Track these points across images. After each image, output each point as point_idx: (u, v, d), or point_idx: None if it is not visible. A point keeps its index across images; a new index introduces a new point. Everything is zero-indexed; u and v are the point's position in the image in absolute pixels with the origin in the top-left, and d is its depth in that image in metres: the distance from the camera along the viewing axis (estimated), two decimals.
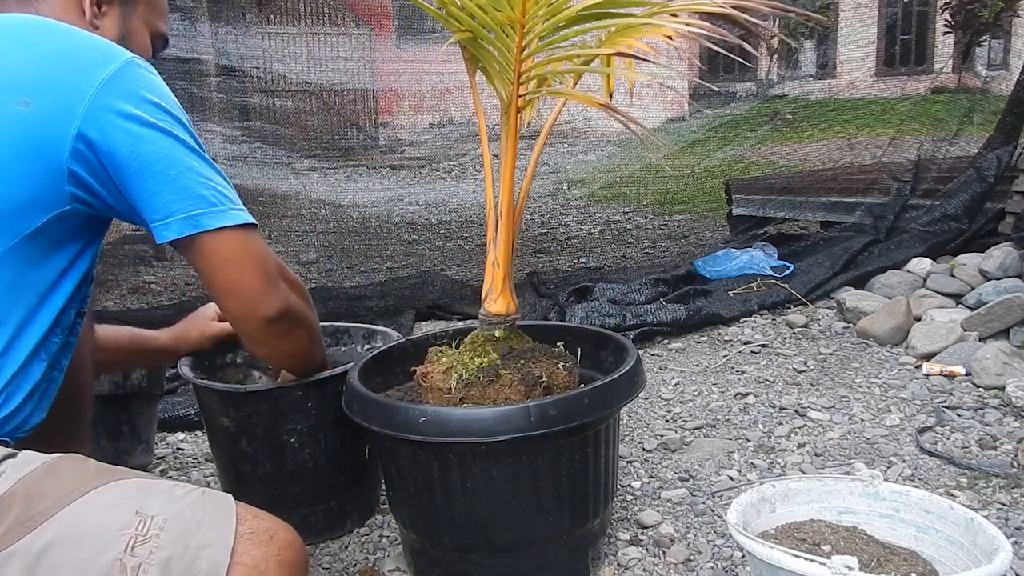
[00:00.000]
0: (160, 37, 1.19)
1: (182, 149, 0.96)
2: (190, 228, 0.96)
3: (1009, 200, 3.32)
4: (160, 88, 0.98)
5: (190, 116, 1.04)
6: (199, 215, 0.96)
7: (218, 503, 0.89)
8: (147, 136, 0.93)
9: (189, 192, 0.96)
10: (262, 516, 0.91)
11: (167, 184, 0.95)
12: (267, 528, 0.89)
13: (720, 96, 8.00)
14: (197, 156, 0.97)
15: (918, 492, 1.29)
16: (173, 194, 0.95)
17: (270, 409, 1.53)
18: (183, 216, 0.95)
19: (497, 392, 1.31)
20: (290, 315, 1.07)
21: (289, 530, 0.92)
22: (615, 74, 1.55)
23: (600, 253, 4.64)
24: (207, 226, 0.96)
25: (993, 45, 12.08)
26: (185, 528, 0.84)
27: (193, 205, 0.96)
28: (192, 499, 0.88)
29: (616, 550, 1.53)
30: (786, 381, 2.45)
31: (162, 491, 0.89)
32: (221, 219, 0.97)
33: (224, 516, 0.87)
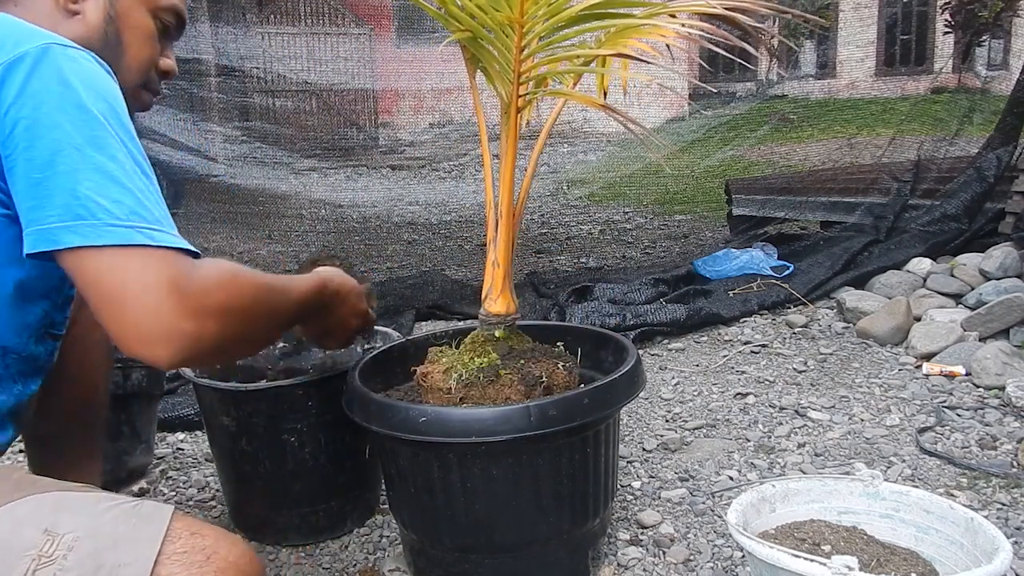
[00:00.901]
0: (167, 11, 1.06)
1: (69, 144, 0.78)
2: (44, 243, 0.78)
3: (1009, 200, 3.32)
4: (76, 71, 0.82)
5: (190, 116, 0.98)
6: (58, 228, 0.77)
7: (148, 517, 0.79)
8: (25, 127, 0.78)
9: (53, 200, 0.77)
10: (204, 533, 0.79)
11: (33, 187, 0.78)
12: (205, 547, 0.78)
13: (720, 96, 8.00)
14: (91, 155, 0.79)
15: (918, 492, 1.29)
16: (35, 199, 0.78)
17: (270, 408, 1.53)
18: (39, 228, 0.78)
19: (497, 392, 1.32)
20: (204, 353, 0.83)
21: (236, 549, 0.80)
22: (615, 74, 1.55)
23: (600, 253, 4.64)
24: (66, 243, 0.77)
25: (993, 45, 12.08)
26: (99, 546, 0.75)
27: (55, 216, 0.77)
28: (117, 513, 0.79)
29: (616, 550, 1.53)
30: (786, 381, 2.45)
31: (84, 505, 0.80)
32: (87, 236, 0.77)
33: (151, 532, 0.77)
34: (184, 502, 1.84)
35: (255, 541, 1.63)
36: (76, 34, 0.97)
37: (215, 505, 1.82)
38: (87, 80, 0.83)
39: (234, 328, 0.86)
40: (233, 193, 4.85)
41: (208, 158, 4.84)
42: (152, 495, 1.87)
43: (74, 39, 0.95)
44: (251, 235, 4.70)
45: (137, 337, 0.79)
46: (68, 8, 0.99)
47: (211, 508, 1.81)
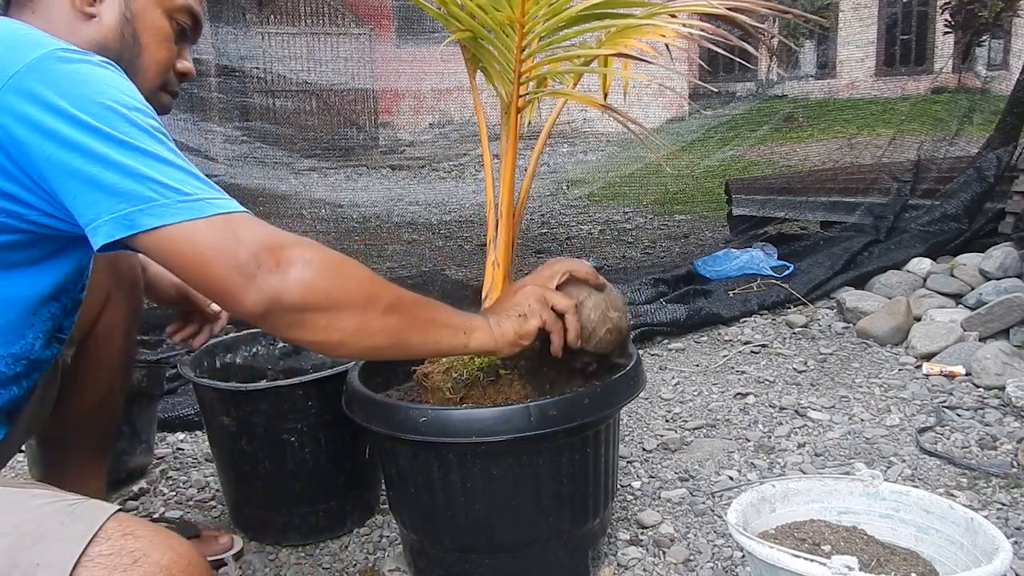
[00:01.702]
0: (185, 12, 1.07)
1: (108, 142, 0.82)
2: (123, 230, 0.82)
3: (1009, 200, 3.32)
4: (88, 76, 0.85)
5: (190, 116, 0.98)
6: (132, 213, 0.81)
7: (80, 516, 0.75)
8: (60, 131, 0.81)
9: (116, 189, 0.81)
10: (138, 535, 0.75)
11: (88, 182, 0.81)
12: (134, 549, 0.74)
13: (720, 96, 8.00)
14: (131, 148, 0.83)
15: (918, 492, 1.29)
16: (98, 193, 0.82)
17: (270, 408, 1.53)
18: (112, 216, 0.82)
19: (497, 392, 1.32)
20: (284, 306, 0.86)
21: (171, 552, 0.75)
22: (615, 74, 1.55)
23: (600, 253, 4.64)
24: (144, 225, 0.82)
25: (993, 45, 12.07)
26: (19, 544, 0.72)
27: (124, 202, 0.81)
28: (48, 511, 0.76)
29: (616, 550, 1.53)
30: (786, 381, 2.45)
31: (16, 501, 0.77)
32: (161, 215, 0.82)
33: (77, 532, 0.73)
34: (184, 502, 1.84)
35: (255, 541, 1.63)
36: (93, 37, 0.98)
37: (215, 505, 1.82)
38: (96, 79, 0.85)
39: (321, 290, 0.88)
40: (233, 193, 4.79)
41: (208, 158, 4.84)
42: (152, 495, 1.87)
43: (91, 42, 0.97)
44: None
45: (227, 294, 0.84)
46: (85, 11, 0.99)
47: (211, 508, 1.81)
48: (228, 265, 0.83)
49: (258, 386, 1.57)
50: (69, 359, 1.27)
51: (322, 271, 0.89)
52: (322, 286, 0.89)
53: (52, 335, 1.02)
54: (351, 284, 0.93)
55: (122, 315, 1.35)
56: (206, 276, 0.84)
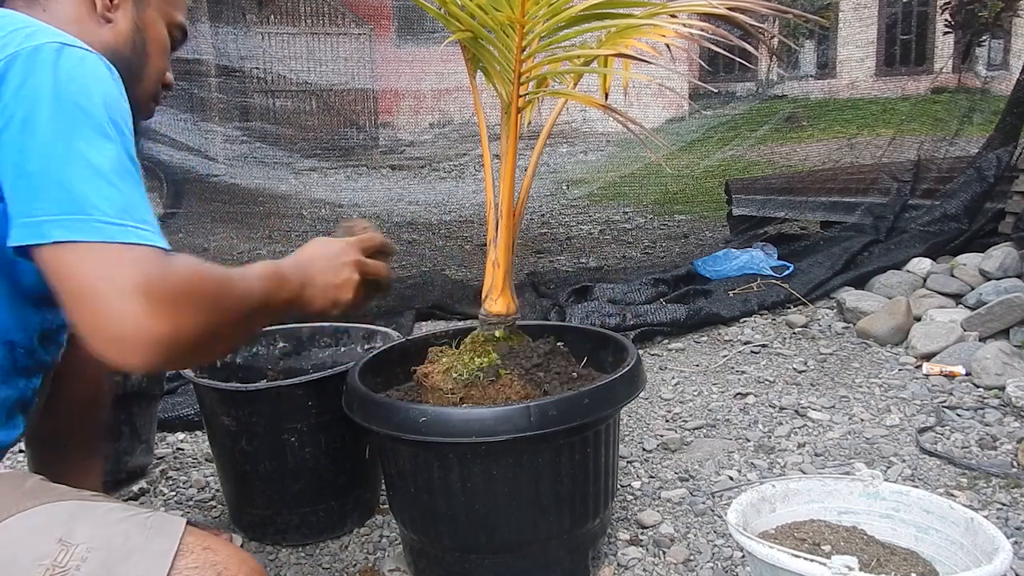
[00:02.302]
0: (178, 27, 1.12)
1: (62, 145, 0.77)
2: (31, 236, 0.76)
3: (1009, 200, 3.32)
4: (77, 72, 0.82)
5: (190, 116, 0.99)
6: (45, 222, 0.75)
7: (160, 530, 0.78)
8: (22, 124, 0.77)
9: (44, 193, 0.76)
10: (215, 548, 0.79)
11: (20, 179, 0.77)
12: (216, 563, 0.77)
13: (720, 96, 8.00)
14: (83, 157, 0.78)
15: (918, 492, 1.29)
16: (24, 192, 0.77)
17: (270, 408, 1.53)
18: (27, 220, 0.76)
19: (497, 392, 1.32)
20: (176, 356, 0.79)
21: (246, 567, 0.80)
22: (615, 75, 1.55)
23: (600, 253, 4.64)
24: (51, 237, 0.75)
25: (993, 45, 12.07)
26: (111, 558, 0.75)
27: (42, 209, 0.76)
28: (130, 524, 0.78)
29: (616, 550, 1.53)
30: (786, 381, 2.45)
31: (98, 514, 0.79)
32: (74, 231, 0.74)
33: (162, 546, 0.76)
34: (184, 502, 1.84)
35: (255, 541, 1.63)
36: (107, 40, 1.00)
37: (215, 505, 1.82)
38: (85, 78, 0.82)
39: (211, 328, 0.82)
40: (233, 193, 4.84)
41: (208, 158, 4.84)
42: (152, 495, 1.87)
43: (104, 45, 0.98)
44: (251, 235, 4.69)
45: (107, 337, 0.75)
46: (104, 15, 1.01)
47: (211, 508, 1.81)
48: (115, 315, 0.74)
49: (258, 386, 1.57)
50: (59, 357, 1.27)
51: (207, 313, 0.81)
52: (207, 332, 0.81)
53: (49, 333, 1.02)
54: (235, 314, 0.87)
55: None
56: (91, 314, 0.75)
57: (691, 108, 9.03)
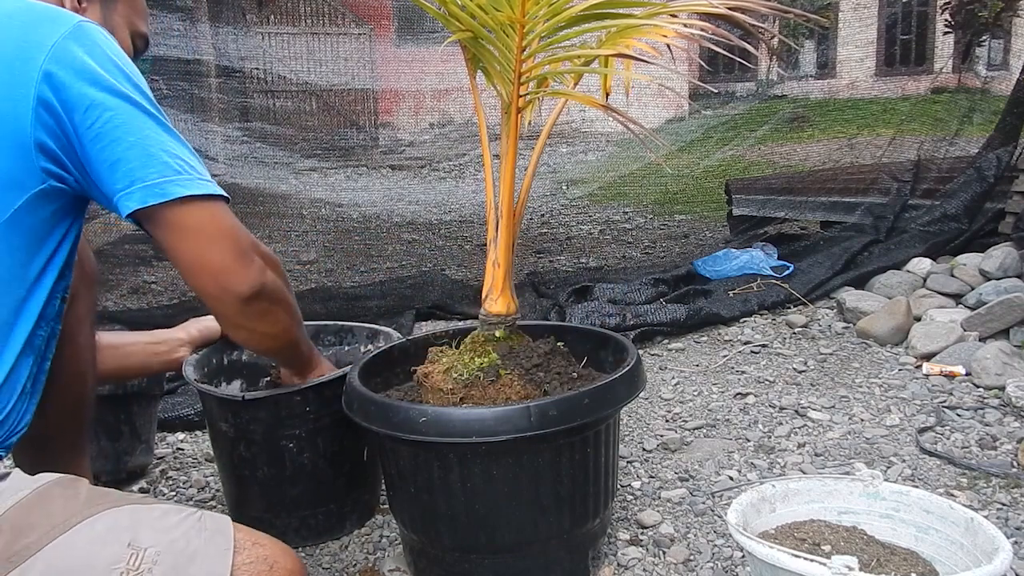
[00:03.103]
0: (141, 36, 1.17)
1: (141, 115, 0.90)
2: (154, 197, 0.89)
3: (1009, 200, 3.32)
4: (118, 51, 0.92)
5: (191, 117, 1.04)
6: (164, 183, 0.89)
7: (215, 530, 0.84)
8: (104, 100, 0.87)
9: (152, 159, 0.89)
10: (262, 543, 0.86)
11: (128, 150, 0.88)
12: (266, 557, 0.84)
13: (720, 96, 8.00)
14: (158, 123, 0.92)
15: (918, 492, 1.29)
16: (135, 161, 0.88)
17: (268, 416, 1.52)
18: (145, 184, 0.88)
19: (497, 392, 1.32)
20: (267, 294, 1.01)
21: (289, 555, 0.88)
22: (615, 75, 1.55)
23: (600, 253, 4.64)
24: (172, 194, 0.89)
25: (993, 45, 12.07)
26: (178, 560, 0.80)
27: (158, 172, 0.89)
28: (187, 526, 0.83)
29: (616, 550, 1.53)
30: (786, 381, 2.45)
31: (156, 518, 0.84)
32: (188, 187, 0.91)
33: (221, 545, 0.82)
34: (184, 502, 1.84)
35: None
36: None
37: (215, 505, 1.82)
38: (122, 55, 0.93)
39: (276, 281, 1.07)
40: (233, 193, 4.80)
41: (208, 158, 4.84)
42: (152, 495, 1.87)
43: None
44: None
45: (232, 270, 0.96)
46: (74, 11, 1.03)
47: (211, 508, 1.81)
48: (234, 247, 0.96)
49: (256, 394, 1.56)
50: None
51: (280, 274, 1.10)
52: (280, 287, 1.09)
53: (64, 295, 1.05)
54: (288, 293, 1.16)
55: (86, 309, 1.36)
56: (214, 252, 0.95)
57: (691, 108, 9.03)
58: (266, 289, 1.01)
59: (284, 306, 1.12)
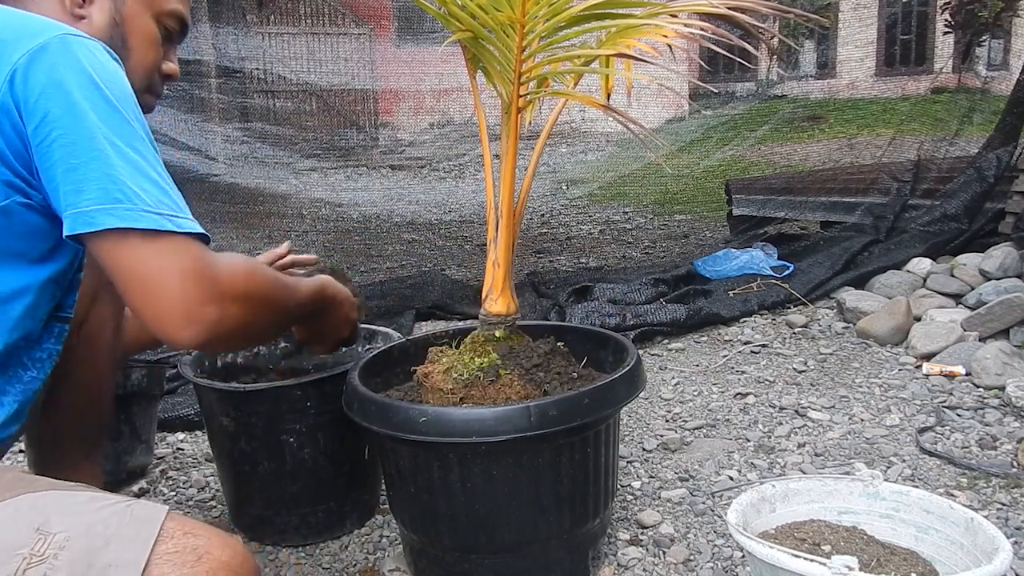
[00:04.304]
0: (173, 17, 1.09)
1: (100, 133, 0.82)
2: (83, 225, 0.81)
3: (1009, 200, 3.32)
4: (95, 64, 0.85)
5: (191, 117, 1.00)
6: (95, 211, 0.81)
7: (142, 517, 0.79)
8: (59, 115, 0.81)
9: (87, 184, 0.81)
10: (197, 533, 0.79)
11: (70, 172, 0.82)
12: (197, 547, 0.78)
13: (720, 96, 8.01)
14: (119, 144, 0.83)
15: (918, 492, 1.29)
16: (70, 185, 0.82)
17: (269, 409, 1.53)
18: (77, 211, 0.81)
19: (497, 392, 1.32)
20: (223, 335, 0.88)
21: (229, 549, 0.80)
22: (615, 75, 1.55)
23: (600, 253, 4.64)
24: (101, 224, 0.81)
25: (993, 45, 12.07)
26: (91, 546, 0.75)
27: (92, 199, 0.81)
28: (110, 512, 0.78)
29: (616, 550, 1.53)
30: (786, 381, 2.45)
31: (78, 504, 0.80)
32: (123, 219, 0.81)
33: (143, 532, 0.77)
34: (184, 502, 1.84)
35: (255, 541, 1.63)
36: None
37: (215, 505, 1.82)
38: (105, 71, 0.86)
39: (252, 315, 0.93)
40: (233, 193, 4.85)
41: (208, 158, 4.85)
42: (152, 495, 1.87)
43: None
44: (251, 235, 4.69)
45: (169, 321, 0.84)
46: (74, 12, 1.00)
47: (211, 508, 1.81)
48: (172, 294, 0.83)
49: (257, 386, 1.57)
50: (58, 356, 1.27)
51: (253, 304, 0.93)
52: (252, 319, 0.93)
53: (52, 314, 1.01)
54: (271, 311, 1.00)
55: (109, 313, 1.35)
56: (148, 298, 0.84)
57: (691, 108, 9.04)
58: (222, 335, 0.88)
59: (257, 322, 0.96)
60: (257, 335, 1.08)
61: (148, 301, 0.84)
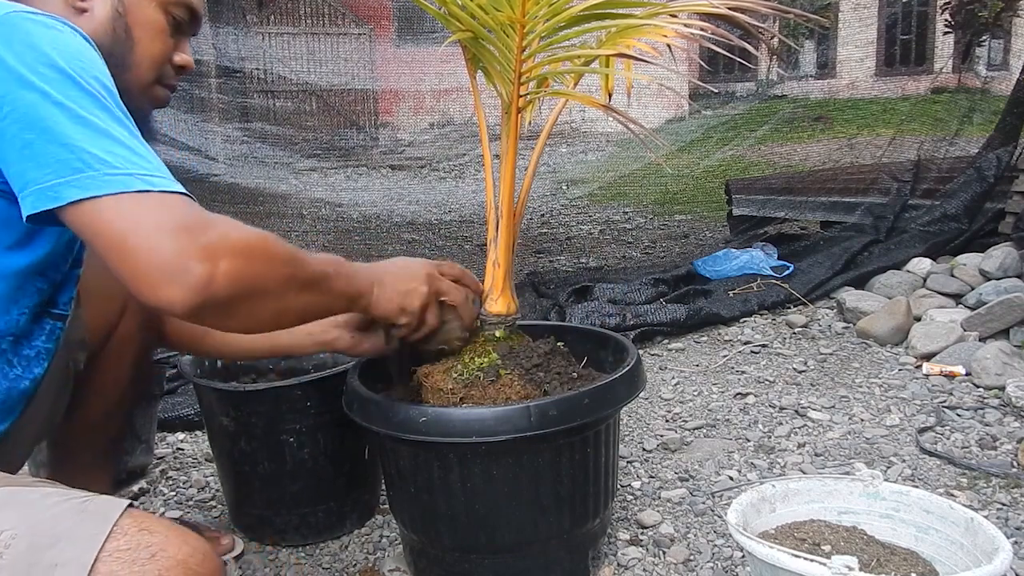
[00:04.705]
0: (181, 6, 1.06)
1: (52, 107, 0.78)
2: (48, 202, 0.77)
3: (1009, 200, 3.32)
4: (45, 38, 0.82)
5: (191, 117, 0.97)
6: (58, 184, 0.76)
7: (95, 514, 0.75)
8: (4, 91, 0.78)
9: (47, 158, 0.77)
10: (154, 530, 0.75)
11: (25, 148, 0.78)
12: (151, 544, 0.74)
13: (720, 96, 8.01)
14: (74, 110, 0.78)
15: (918, 492, 1.29)
16: (29, 161, 0.78)
17: (269, 409, 1.53)
18: (38, 187, 0.77)
19: (497, 392, 1.31)
20: (213, 300, 0.79)
21: (187, 547, 0.76)
22: (615, 75, 1.55)
23: (600, 253, 4.64)
24: (68, 198, 0.76)
25: (993, 45, 12.07)
26: (37, 543, 0.72)
27: (52, 173, 0.77)
28: (62, 509, 0.76)
29: (616, 550, 1.53)
30: (786, 381, 2.45)
31: (30, 501, 0.77)
32: (87, 188, 0.76)
33: (93, 529, 0.73)
34: (184, 502, 1.84)
35: (255, 541, 1.63)
36: (84, 29, 0.96)
37: (215, 505, 1.82)
38: (57, 42, 0.82)
39: (251, 277, 0.83)
40: (233, 193, 4.85)
41: (208, 158, 4.85)
42: (152, 495, 1.87)
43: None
44: None
45: (148, 281, 0.77)
46: (76, 5, 0.99)
47: (211, 508, 1.81)
48: (152, 250, 0.76)
49: (257, 386, 1.57)
50: (82, 364, 1.26)
51: (250, 259, 0.83)
52: (250, 275, 0.83)
53: (42, 309, 1.00)
54: (276, 269, 0.88)
55: (137, 326, 1.34)
56: (126, 259, 0.77)
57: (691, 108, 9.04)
58: (215, 295, 0.79)
59: (262, 296, 0.87)
60: (264, 308, 0.88)
61: (126, 258, 0.77)
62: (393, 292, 1.11)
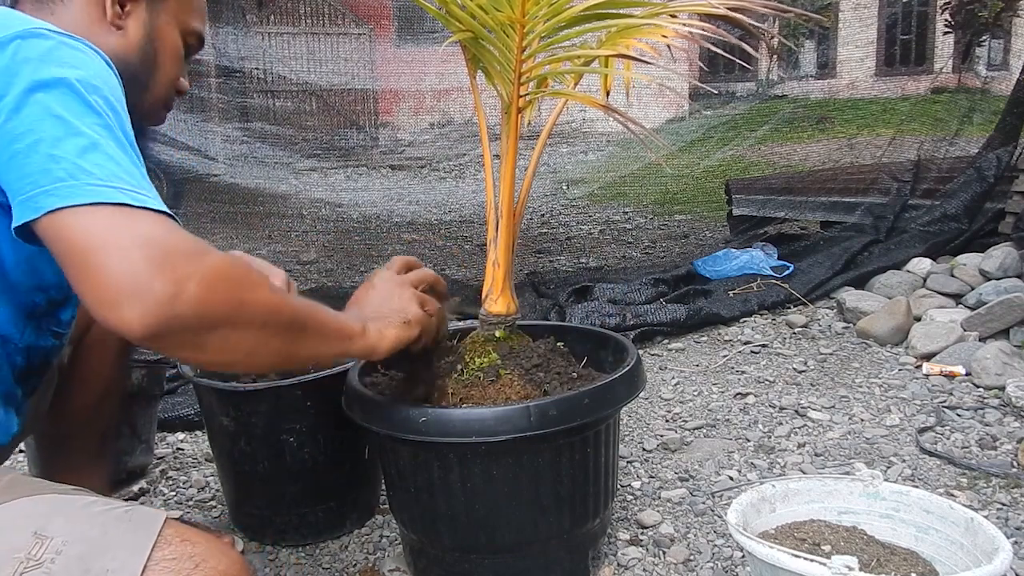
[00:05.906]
0: (194, 35, 1.12)
1: (51, 116, 0.76)
2: (28, 212, 0.74)
3: (1009, 200, 3.32)
4: (63, 54, 0.81)
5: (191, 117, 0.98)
6: (37, 194, 0.73)
7: (140, 524, 0.78)
8: (5, 106, 0.77)
9: (32, 165, 0.74)
10: (194, 540, 0.78)
11: (12, 159, 0.76)
12: (195, 554, 0.77)
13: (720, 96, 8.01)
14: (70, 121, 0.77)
15: (918, 492, 1.29)
16: (16, 171, 0.76)
17: (269, 408, 1.53)
18: (21, 199, 0.75)
19: (497, 392, 1.32)
20: (182, 322, 0.72)
21: (226, 558, 0.78)
22: (615, 75, 1.55)
23: (600, 253, 4.64)
24: (45, 207, 0.72)
25: (993, 45, 12.07)
26: (88, 551, 0.74)
27: (31, 182, 0.74)
28: (109, 518, 0.78)
29: (616, 550, 1.53)
30: (786, 381, 2.45)
31: (77, 509, 0.79)
32: (64, 197, 0.72)
33: (140, 539, 0.76)
34: (184, 502, 1.84)
35: (255, 541, 1.63)
36: (115, 48, 1.00)
37: (215, 505, 1.82)
38: (73, 60, 0.82)
39: (219, 305, 0.76)
40: (233, 193, 4.85)
41: (208, 158, 4.85)
42: (152, 495, 1.87)
43: (114, 51, 0.98)
44: (251, 235, 4.70)
45: (105, 296, 0.71)
46: (115, 23, 1.01)
47: (211, 508, 1.81)
48: (117, 263, 0.70)
49: (257, 386, 1.57)
50: (66, 359, 1.26)
51: (225, 285, 0.77)
52: (220, 302, 0.76)
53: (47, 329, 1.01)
54: (253, 301, 0.80)
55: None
56: (88, 272, 0.71)
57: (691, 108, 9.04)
58: (178, 318, 0.72)
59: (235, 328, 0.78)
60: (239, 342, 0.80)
61: (88, 275, 0.71)
62: (389, 313, 1.07)
